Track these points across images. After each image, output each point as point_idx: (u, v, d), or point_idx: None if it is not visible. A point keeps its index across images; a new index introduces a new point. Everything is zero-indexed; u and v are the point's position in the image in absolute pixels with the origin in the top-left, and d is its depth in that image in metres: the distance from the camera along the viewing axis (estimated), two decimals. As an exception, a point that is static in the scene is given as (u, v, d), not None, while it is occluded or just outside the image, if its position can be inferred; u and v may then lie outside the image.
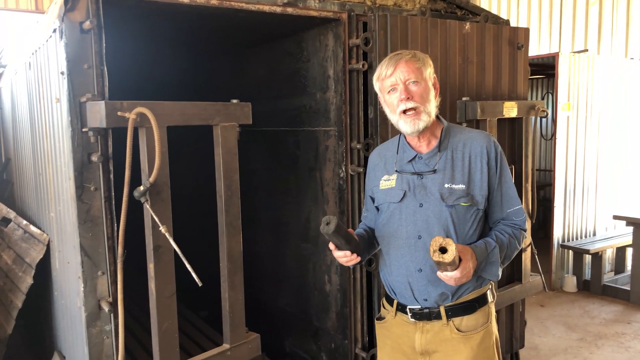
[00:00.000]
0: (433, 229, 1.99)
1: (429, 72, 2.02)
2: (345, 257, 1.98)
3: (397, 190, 2.06)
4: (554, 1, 8.22)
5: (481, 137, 2.06)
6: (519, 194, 2.40)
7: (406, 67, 1.97)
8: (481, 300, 2.06)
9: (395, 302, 2.12)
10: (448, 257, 1.73)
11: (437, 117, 2.08)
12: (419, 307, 2.04)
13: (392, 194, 2.07)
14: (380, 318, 2.24)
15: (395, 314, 2.12)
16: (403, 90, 1.96)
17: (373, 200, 2.19)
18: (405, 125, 1.99)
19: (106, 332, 2.29)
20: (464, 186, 2.00)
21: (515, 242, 2.06)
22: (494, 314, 2.13)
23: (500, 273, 2.04)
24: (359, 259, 2.01)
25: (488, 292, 2.09)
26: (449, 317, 2.02)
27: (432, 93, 2.02)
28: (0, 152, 5.40)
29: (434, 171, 2.01)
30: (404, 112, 1.96)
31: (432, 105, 2.01)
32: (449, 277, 1.85)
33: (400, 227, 2.04)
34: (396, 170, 2.09)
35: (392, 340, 2.15)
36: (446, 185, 2.00)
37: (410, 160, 2.07)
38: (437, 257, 1.74)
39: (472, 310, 2.04)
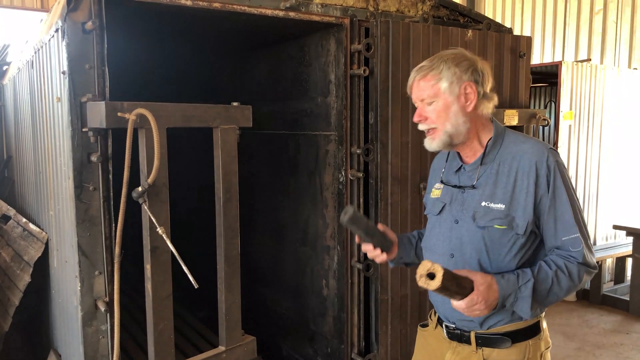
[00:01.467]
0: (466, 249, 1.86)
1: (447, 85, 1.80)
2: (370, 252, 1.94)
3: (439, 202, 1.94)
4: (558, 10, 8.22)
5: (533, 151, 1.78)
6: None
7: (420, 86, 1.85)
8: (518, 336, 1.83)
9: (437, 314, 2.02)
10: (434, 284, 1.56)
11: (491, 121, 1.89)
12: (453, 326, 1.92)
13: (435, 205, 1.96)
14: (424, 325, 2.14)
15: (436, 326, 2.02)
16: (417, 111, 1.88)
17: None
18: (425, 144, 1.90)
19: (102, 332, 2.29)
20: (503, 206, 1.78)
21: (565, 277, 1.73)
22: (538, 352, 1.86)
23: (532, 311, 1.74)
24: (384, 256, 1.94)
25: (529, 329, 1.85)
26: (478, 344, 1.87)
27: (455, 107, 1.81)
28: (2, 150, 5.41)
29: (473, 186, 1.86)
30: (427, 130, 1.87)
31: (457, 121, 1.81)
32: (456, 306, 1.67)
33: (438, 242, 1.93)
34: (441, 181, 1.97)
35: (428, 352, 2.07)
36: (483, 204, 1.82)
37: (457, 171, 1.94)
38: (422, 282, 1.58)
39: (503, 344, 1.84)
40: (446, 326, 1.95)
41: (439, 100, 1.83)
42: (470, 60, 1.83)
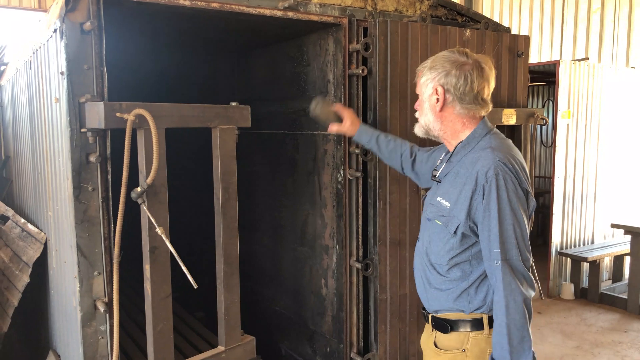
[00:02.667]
0: (424, 234, 2.10)
1: (423, 83, 2.02)
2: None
3: (432, 187, 2.18)
4: (556, 9, 8.23)
5: (483, 160, 1.86)
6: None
7: (417, 79, 2.09)
8: (456, 325, 1.99)
9: None
10: None
11: (483, 123, 2.00)
12: (424, 309, 2.17)
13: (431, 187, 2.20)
14: None
15: None
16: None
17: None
18: None
19: (101, 332, 2.29)
20: (449, 205, 1.94)
21: (502, 311, 1.79)
22: (474, 347, 1.97)
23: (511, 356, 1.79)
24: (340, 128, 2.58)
25: (468, 323, 1.97)
26: (432, 326, 2.10)
27: (427, 105, 2.03)
28: (0, 150, 5.40)
29: (439, 180, 2.07)
30: None
31: (428, 118, 2.04)
32: None
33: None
34: (435, 168, 2.18)
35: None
36: (438, 198, 2.01)
37: (440, 162, 2.15)
38: None
39: (443, 329, 2.03)
40: (422, 309, 2.18)
41: (420, 95, 2.07)
42: (454, 64, 1.93)
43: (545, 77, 7.46)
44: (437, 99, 1.97)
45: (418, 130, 2.13)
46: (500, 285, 1.80)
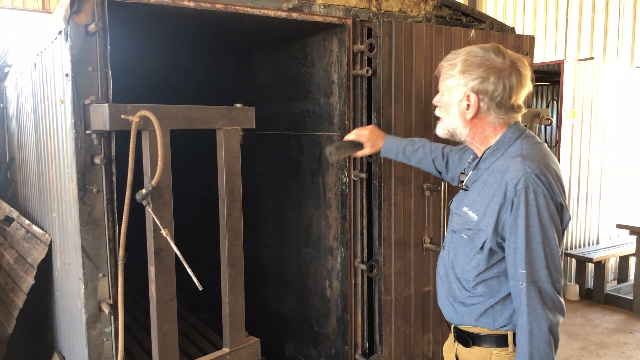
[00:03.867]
0: (449, 246, 1.95)
1: (452, 87, 1.78)
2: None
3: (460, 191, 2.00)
4: (560, 9, 8.21)
5: (512, 170, 1.69)
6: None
7: (441, 74, 1.85)
8: (478, 339, 1.89)
9: None
10: None
11: (511, 127, 1.81)
12: (448, 320, 2.06)
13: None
14: None
15: None
16: (437, 95, 1.90)
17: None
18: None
19: (106, 334, 2.29)
20: (476, 217, 1.78)
21: (525, 337, 1.65)
22: None
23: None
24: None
25: (492, 339, 1.86)
26: (455, 338, 2.00)
27: (454, 110, 1.80)
28: (4, 151, 5.42)
29: (466, 188, 1.89)
30: None
31: (455, 123, 1.83)
32: None
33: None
34: (462, 172, 2.03)
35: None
36: (464, 208, 1.84)
37: (467, 166, 2.00)
38: None
39: (465, 343, 1.92)
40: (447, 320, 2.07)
41: (444, 95, 1.84)
42: (492, 69, 1.72)
43: (550, 77, 7.43)
44: (468, 106, 1.77)
45: (441, 132, 1.91)
46: (524, 309, 1.66)
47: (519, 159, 1.70)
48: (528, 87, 1.79)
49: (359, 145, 2.52)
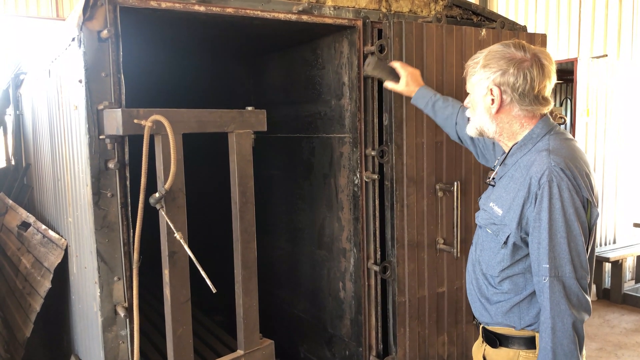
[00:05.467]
0: (477, 241, 1.96)
1: (475, 83, 1.81)
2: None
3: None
4: (572, 6, 8.13)
5: (537, 164, 1.69)
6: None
7: (467, 75, 1.89)
8: (505, 340, 1.88)
9: None
10: None
11: (539, 121, 1.80)
12: (476, 319, 2.05)
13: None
14: None
15: None
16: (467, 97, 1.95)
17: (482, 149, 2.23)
18: None
19: (122, 337, 2.31)
20: (501, 212, 1.78)
21: (548, 333, 1.65)
22: None
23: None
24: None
25: (520, 340, 1.85)
26: (482, 338, 2.00)
27: (481, 106, 1.82)
28: (20, 157, 5.48)
29: (493, 183, 1.90)
30: None
31: (482, 119, 1.83)
32: None
33: None
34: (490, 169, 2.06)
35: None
36: (491, 204, 1.85)
37: (497, 162, 2.00)
38: None
39: (492, 343, 1.92)
40: (473, 318, 2.13)
41: (471, 94, 1.88)
42: (512, 61, 1.73)
43: (563, 75, 7.36)
44: (492, 100, 1.78)
45: (471, 131, 1.92)
46: (547, 304, 1.64)
47: (545, 153, 1.70)
48: (552, 79, 1.77)
49: (396, 75, 2.59)
